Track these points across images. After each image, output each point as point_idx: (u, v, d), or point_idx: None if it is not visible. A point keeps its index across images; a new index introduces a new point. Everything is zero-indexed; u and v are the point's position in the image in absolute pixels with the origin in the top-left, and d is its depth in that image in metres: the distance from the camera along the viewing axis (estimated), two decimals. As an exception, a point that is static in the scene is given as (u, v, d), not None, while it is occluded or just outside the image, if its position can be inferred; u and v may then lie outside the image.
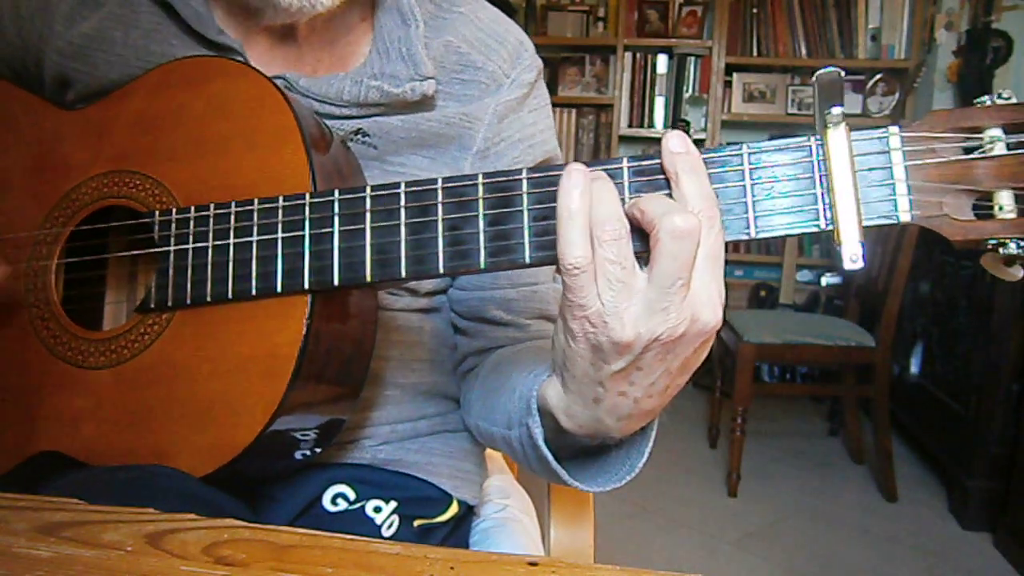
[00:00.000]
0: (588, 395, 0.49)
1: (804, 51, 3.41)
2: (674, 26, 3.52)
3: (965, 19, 3.05)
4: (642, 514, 2.26)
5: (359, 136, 0.67)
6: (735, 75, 3.50)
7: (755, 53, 3.47)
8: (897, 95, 3.33)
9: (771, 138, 0.48)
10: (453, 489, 0.75)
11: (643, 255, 0.46)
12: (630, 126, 3.58)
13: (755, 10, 3.46)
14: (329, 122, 0.66)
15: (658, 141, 0.49)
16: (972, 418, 2.21)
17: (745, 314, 2.71)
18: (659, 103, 3.56)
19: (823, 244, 3.45)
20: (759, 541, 2.13)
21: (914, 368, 2.75)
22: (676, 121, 3.51)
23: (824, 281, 3.40)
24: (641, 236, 0.46)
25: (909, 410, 2.71)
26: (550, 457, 0.54)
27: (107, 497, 0.49)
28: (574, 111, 3.62)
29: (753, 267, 3.50)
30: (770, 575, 1.98)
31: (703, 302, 0.45)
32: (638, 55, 3.57)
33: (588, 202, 0.45)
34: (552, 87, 3.58)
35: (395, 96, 0.66)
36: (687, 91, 3.55)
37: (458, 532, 0.78)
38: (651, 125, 3.57)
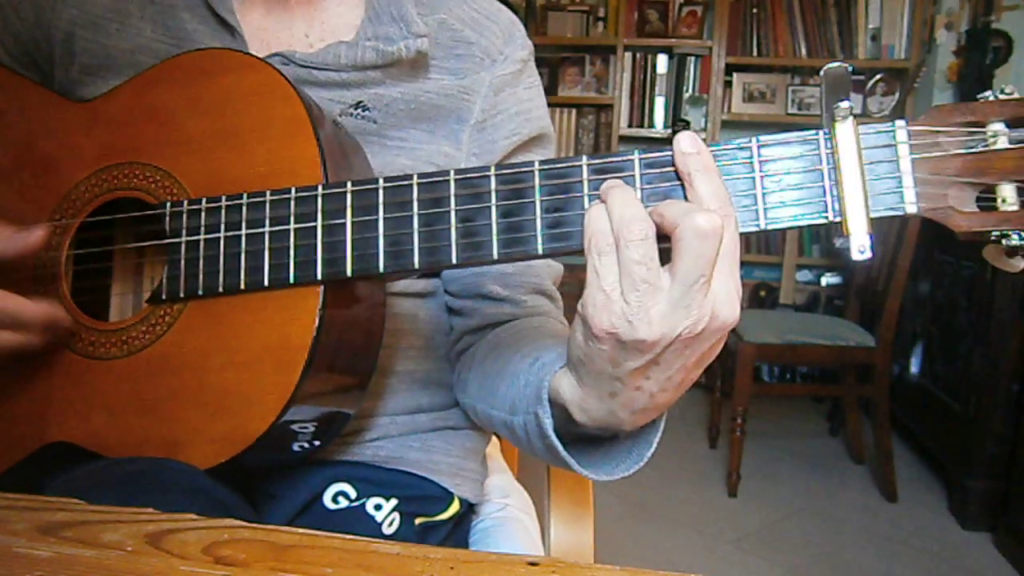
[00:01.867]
0: (605, 390, 0.50)
1: (804, 51, 3.41)
2: (674, 26, 3.52)
3: (965, 19, 3.05)
4: (642, 514, 2.26)
5: (359, 110, 0.69)
6: (735, 75, 3.50)
7: (755, 53, 3.47)
8: (897, 95, 3.33)
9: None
10: (454, 487, 0.75)
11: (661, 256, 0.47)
12: (630, 126, 3.58)
13: (755, 10, 3.46)
14: (329, 94, 0.67)
15: (658, 141, 0.51)
16: (972, 418, 2.21)
17: (745, 314, 2.71)
18: (659, 103, 3.56)
19: (823, 244, 3.45)
20: (759, 541, 2.13)
21: (914, 368, 2.75)
22: (676, 121, 3.51)
23: (824, 281, 3.40)
24: (660, 239, 0.46)
25: (909, 410, 2.71)
26: (559, 447, 0.55)
27: (113, 490, 0.49)
28: (574, 111, 3.62)
29: (753, 267, 3.49)
30: (770, 575, 1.98)
31: (722, 299, 0.46)
32: (638, 55, 3.57)
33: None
34: (552, 87, 3.58)
35: (390, 55, 0.68)
36: (687, 91, 3.55)
37: (459, 530, 0.78)
38: (651, 125, 3.57)
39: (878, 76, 3.35)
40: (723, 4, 3.41)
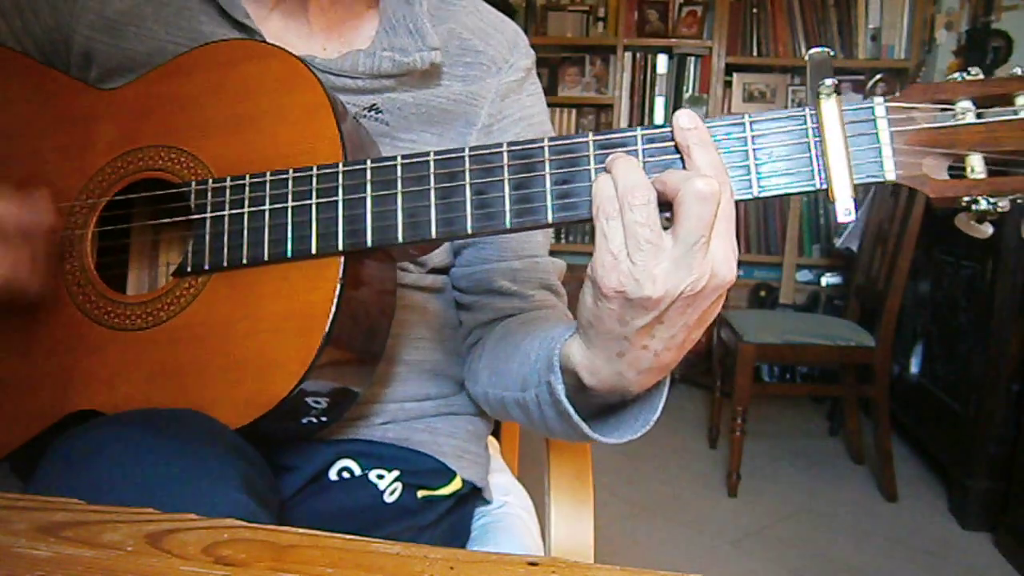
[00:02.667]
0: (612, 350, 0.53)
1: (804, 51, 3.40)
2: (674, 26, 3.52)
3: (965, 19, 3.05)
4: (642, 514, 2.26)
5: (373, 112, 0.72)
6: (735, 75, 3.50)
7: (755, 53, 3.47)
8: (897, 95, 3.32)
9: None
10: (459, 468, 0.77)
11: (665, 223, 0.50)
12: (630, 126, 3.58)
13: (755, 10, 3.46)
14: (345, 98, 0.70)
15: None
16: (972, 418, 2.21)
17: (745, 314, 2.71)
18: (659, 103, 3.56)
19: (823, 244, 3.45)
20: (759, 541, 2.13)
21: (914, 368, 2.75)
22: (676, 121, 3.51)
23: (824, 281, 3.41)
24: (662, 206, 0.50)
25: (909, 410, 2.71)
26: (571, 410, 0.58)
27: (145, 431, 0.52)
28: (574, 111, 3.62)
29: (753, 267, 3.50)
30: (770, 575, 1.98)
31: (720, 259, 0.49)
32: (638, 55, 3.57)
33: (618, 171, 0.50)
34: (552, 87, 3.58)
35: (406, 65, 0.71)
36: (687, 91, 3.55)
37: (462, 510, 0.80)
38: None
39: (878, 76, 3.35)
40: (723, 4, 3.41)
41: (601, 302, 0.51)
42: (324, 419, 0.65)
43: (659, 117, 3.56)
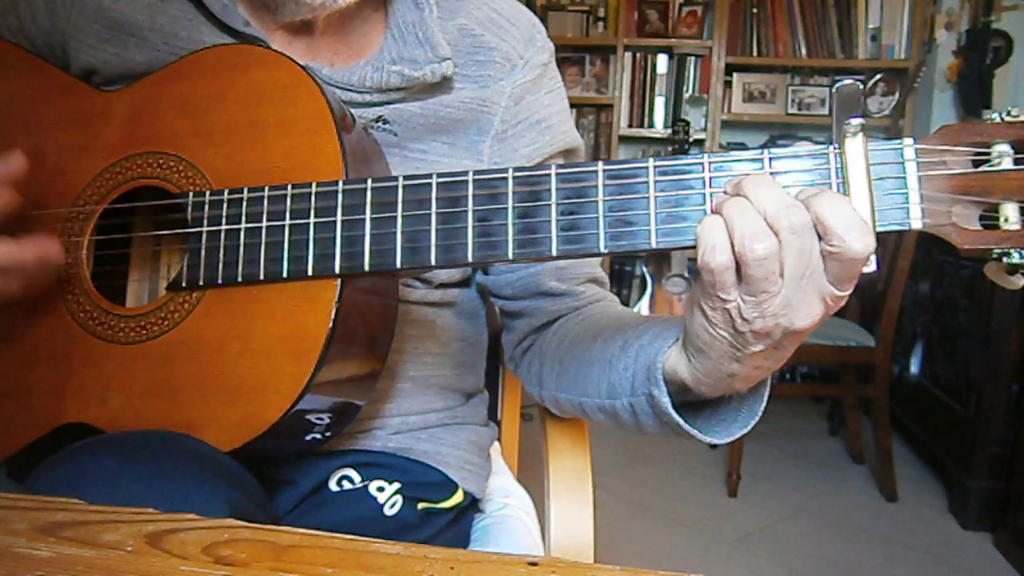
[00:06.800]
0: (724, 371, 0.52)
1: (804, 51, 3.41)
2: (674, 26, 3.52)
3: (965, 19, 3.05)
4: (642, 514, 2.26)
5: (380, 123, 0.69)
6: (735, 75, 3.50)
7: (755, 53, 3.47)
8: (897, 95, 3.32)
9: (774, 139, 0.50)
10: (461, 480, 0.76)
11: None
12: (630, 126, 3.58)
13: (755, 10, 3.46)
14: (351, 109, 0.67)
15: (658, 141, 0.51)
16: (972, 418, 2.21)
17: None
18: (659, 103, 3.56)
19: (823, 244, 3.45)
20: (759, 541, 2.13)
21: (914, 368, 2.75)
22: (676, 121, 3.51)
23: (824, 281, 3.40)
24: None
25: (909, 410, 2.71)
26: (682, 422, 0.57)
27: (125, 459, 0.51)
28: (574, 111, 3.62)
29: (753, 267, 3.49)
30: (770, 575, 1.98)
31: (829, 289, 0.47)
32: (638, 55, 3.57)
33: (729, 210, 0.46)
34: (552, 87, 3.57)
35: (416, 79, 0.68)
36: (687, 91, 3.55)
37: (460, 522, 0.79)
38: (651, 125, 3.57)
39: (878, 76, 3.35)
40: (723, 4, 3.41)
41: (712, 329, 0.50)
42: (328, 434, 0.64)
43: (659, 117, 3.56)
